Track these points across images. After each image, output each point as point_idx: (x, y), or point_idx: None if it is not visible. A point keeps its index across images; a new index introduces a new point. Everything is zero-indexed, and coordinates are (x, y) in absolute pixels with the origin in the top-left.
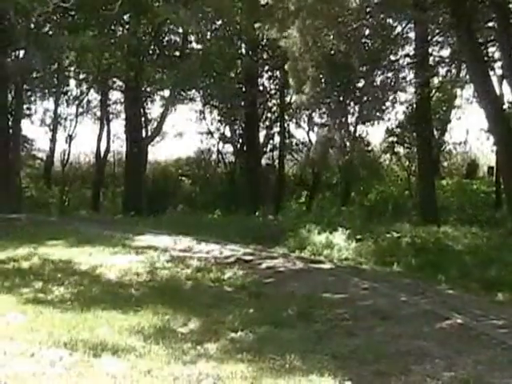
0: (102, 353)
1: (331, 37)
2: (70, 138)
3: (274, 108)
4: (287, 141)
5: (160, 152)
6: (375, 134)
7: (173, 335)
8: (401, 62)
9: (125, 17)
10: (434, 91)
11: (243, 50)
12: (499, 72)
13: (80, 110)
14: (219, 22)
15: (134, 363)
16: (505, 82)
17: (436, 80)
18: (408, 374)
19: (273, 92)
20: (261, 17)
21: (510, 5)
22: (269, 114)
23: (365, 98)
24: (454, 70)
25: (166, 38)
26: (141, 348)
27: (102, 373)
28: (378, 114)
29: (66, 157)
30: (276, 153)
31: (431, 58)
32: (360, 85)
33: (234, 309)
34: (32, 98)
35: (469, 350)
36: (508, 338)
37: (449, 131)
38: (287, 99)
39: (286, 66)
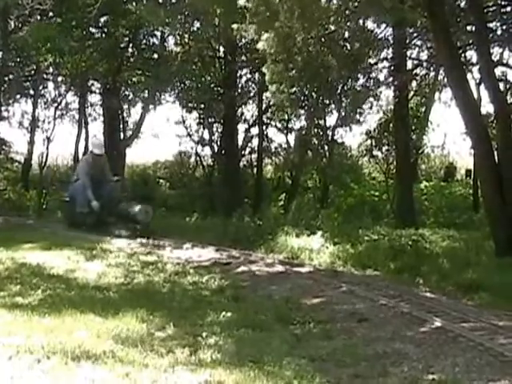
0: (81, 356)
1: (309, 40)
2: (48, 140)
3: (253, 111)
4: (266, 144)
5: (138, 155)
6: (352, 137)
7: (151, 339)
8: (379, 65)
9: (102, 19)
10: (411, 94)
11: (221, 53)
12: (477, 76)
13: (58, 112)
14: (197, 25)
15: (113, 367)
16: (482, 85)
17: (414, 83)
18: (386, 377)
19: (251, 95)
20: (239, 19)
21: (488, 8)
22: (247, 117)
23: (344, 101)
24: (432, 73)
25: (144, 41)
26: (119, 352)
27: (80, 376)
28: (357, 116)
29: (43, 159)
30: (254, 156)
31: (409, 61)
32: (339, 87)
33: (212, 312)
34: (10, 100)
35: (446, 352)
36: (485, 341)
37: (427, 134)
38: (266, 102)
39: (263, 68)
